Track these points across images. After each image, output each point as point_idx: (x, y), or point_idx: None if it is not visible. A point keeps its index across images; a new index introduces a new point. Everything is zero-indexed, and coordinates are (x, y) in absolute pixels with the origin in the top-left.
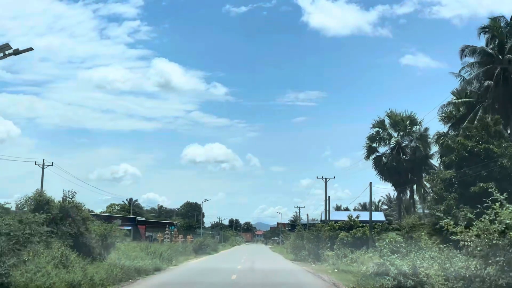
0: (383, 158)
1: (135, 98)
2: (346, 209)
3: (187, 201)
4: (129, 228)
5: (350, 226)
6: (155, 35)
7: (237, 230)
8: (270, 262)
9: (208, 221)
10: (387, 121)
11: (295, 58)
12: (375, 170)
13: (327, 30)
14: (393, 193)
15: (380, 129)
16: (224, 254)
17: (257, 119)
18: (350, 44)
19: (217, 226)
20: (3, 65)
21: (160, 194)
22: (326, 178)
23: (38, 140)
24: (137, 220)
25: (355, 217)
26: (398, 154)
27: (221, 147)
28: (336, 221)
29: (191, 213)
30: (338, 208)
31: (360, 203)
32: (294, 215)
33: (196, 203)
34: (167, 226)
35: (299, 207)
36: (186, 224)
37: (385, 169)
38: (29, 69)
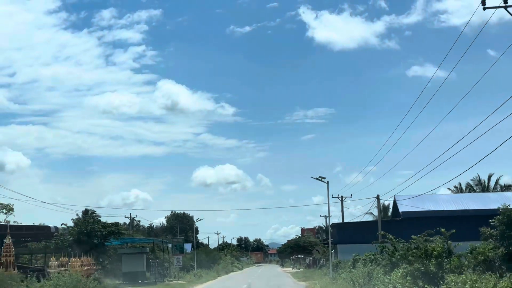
0: None
1: (143, 123)
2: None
3: (173, 212)
4: None
5: None
6: (161, 59)
7: (245, 249)
8: None
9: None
10: None
11: (302, 75)
12: None
13: (334, 45)
14: None
15: None
16: None
17: (266, 139)
18: (357, 58)
19: (226, 247)
20: (10, 96)
21: None
22: None
23: (48, 170)
24: None
25: None
26: None
27: (231, 168)
28: None
29: (181, 227)
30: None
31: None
32: (317, 227)
33: (184, 214)
34: None
35: (342, 196)
36: (79, 231)
37: None
38: (37, 99)
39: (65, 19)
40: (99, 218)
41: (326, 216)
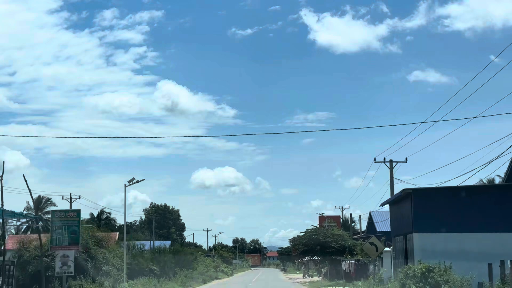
0: None
1: (143, 125)
2: None
3: (152, 204)
4: None
5: None
6: (162, 60)
7: (242, 251)
8: None
9: (201, 239)
10: None
11: (303, 78)
12: None
13: (335, 48)
14: None
15: None
16: None
17: (266, 142)
18: (359, 61)
19: (216, 248)
20: (10, 95)
21: None
22: None
23: (48, 170)
24: None
25: None
26: None
27: (231, 170)
28: None
29: (162, 221)
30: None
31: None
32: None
33: (166, 206)
34: None
35: (391, 160)
36: None
37: None
38: (37, 99)
39: (67, 18)
40: None
41: (342, 207)
